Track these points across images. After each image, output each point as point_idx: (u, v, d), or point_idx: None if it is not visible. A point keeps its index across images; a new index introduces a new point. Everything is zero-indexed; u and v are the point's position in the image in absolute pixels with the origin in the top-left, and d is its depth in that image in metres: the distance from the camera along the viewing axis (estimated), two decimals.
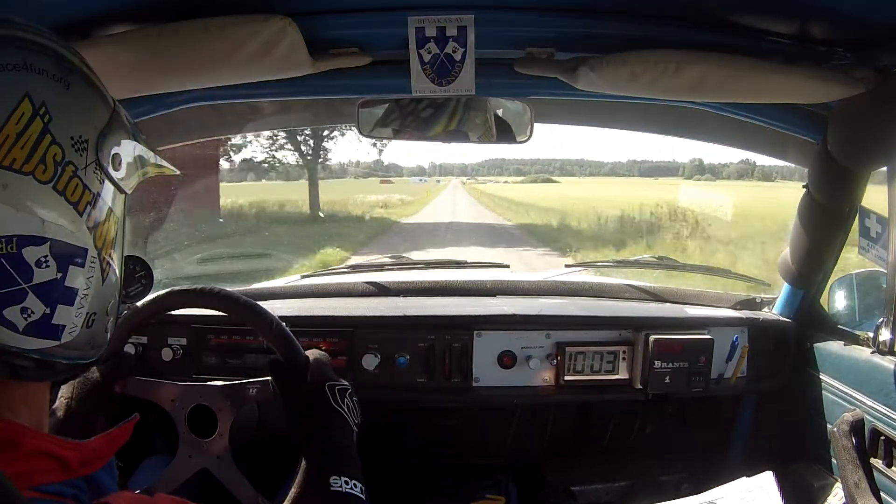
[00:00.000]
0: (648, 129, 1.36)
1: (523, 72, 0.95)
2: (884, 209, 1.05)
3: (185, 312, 1.10)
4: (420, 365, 1.24)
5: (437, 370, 1.24)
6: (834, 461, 1.11)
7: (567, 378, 1.25)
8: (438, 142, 1.10)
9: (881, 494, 1.01)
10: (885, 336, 1.06)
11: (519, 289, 1.46)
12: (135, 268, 0.87)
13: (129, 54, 0.82)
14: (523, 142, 1.11)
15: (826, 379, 1.20)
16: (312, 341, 1.22)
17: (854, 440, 1.05)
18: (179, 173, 0.63)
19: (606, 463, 1.41)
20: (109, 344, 0.51)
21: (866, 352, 1.11)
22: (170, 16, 0.82)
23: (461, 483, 1.38)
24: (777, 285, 1.39)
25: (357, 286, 1.44)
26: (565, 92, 0.97)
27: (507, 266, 1.60)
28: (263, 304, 0.90)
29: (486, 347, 1.25)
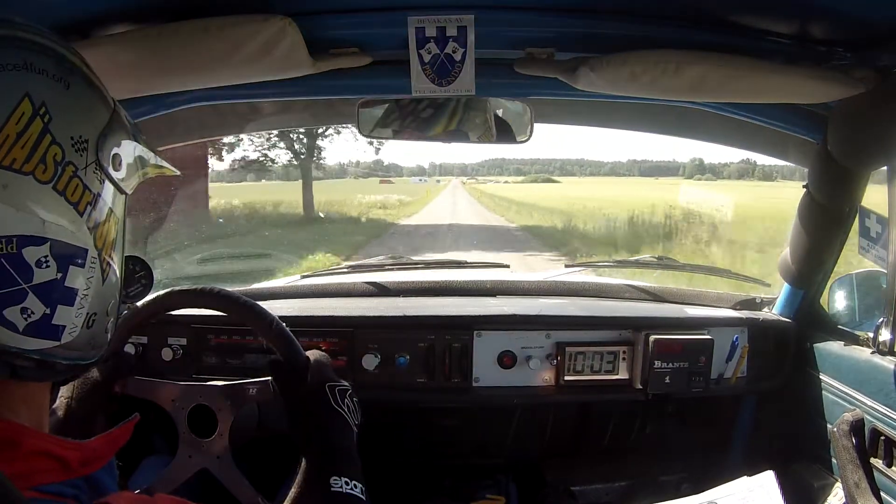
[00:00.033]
0: (648, 129, 1.35)
1: (523, 72, 0.95)
2: (884, 209, 1.05)
3: (185, 312, 1.10)
4: (420, 365, 1.24)
5: (437, 370, 1.24)
6: (834, 461, 1.11)
7: (567, 378, 1.25)
8: (438, 142, 1.10)
9: (881, 494, 1.01)
10: (885, 336, 1.06)
11: (519, 289, 1.46)
12: (135, 268, 0.88)
13: (129, 54, 0.82)
14: (523, 142, 1.11)
15: (826, 379, 1.20)
16: (312, 341, 1.22)
17: (854, 440, 1.05)
18: (180, 174, 0.63)
19: (606, 463, 1.41)
20: (110, 344, 0.51)
21: (866, 352, 1.11)
22: (170, 16, 0.82)
23: (461, 483, 1.38)
24: (777, 285, 1.39)
25: (357, 286, 1.44)
26: (565, 92, 0.97)
27: (507, 266, 1.60)
28: (263, 304, 0.90)
29: (486, 347, 1.25)
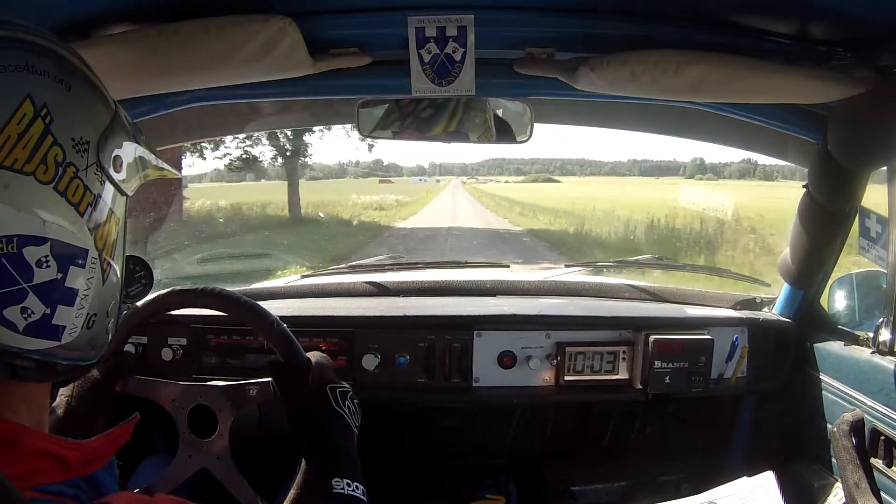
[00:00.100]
0: (648, 129, 1.36)
1: (523, 72, 0.95)
2: (884, 209, 1.05)
3: (185, 312, 1.10)
4: (420, 365, 1.24)
5: (437, 370, 1.24)
6: (834, 461, 1.11)
7: (567, 378, 1.25)
8: (438, 142, 1.10)
9: (881, 494, 1.01)
10: (885, 336, 1.06)
11: (519, 289, 1.46)
12: (135, 268, 0.87)
13: (129, 54, 0.82)
14: (523, 142, 1.11)
15: (826, 379, 1.20)
16: (312, 341, 1.21)
17: (854, 440, 1.05)
18: (180, 175, 0.63)
19: (606, 463, 1.41)
20: (110, 344, 0.51)
21: (866, 352, 1.11)
22: (170, 16, 0.82)
23: (461, 483, 1.38)
24: (777, 285, 1.39)
25: (357, 286, 1.44)
26: (565, 92, 0.97)
27: (507, 266, 1.60)
28: (263, 304, 0.90)
29: (486, 347, 1.25)
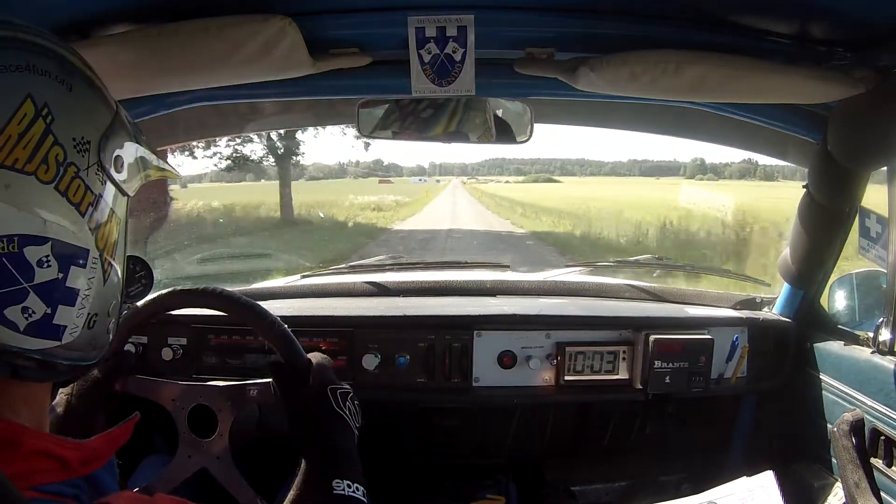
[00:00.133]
0: (648, 130, 1.36)
1: (523, 72, 0.95)
2: (884, 209, 1.05)
3: (186, 312, 1.10)
4: (420, 365, 1.24)
5: (437, 370, 1.24)
6: (834, 461, 1.11)
7: (567, 378, 1.25)
8: (438, 142, 1.10)
9: (881, 494, 1.01)
10: (885, 336, 1.06)
11: (519, 289, 1.46)
12: (135, 268, 0.88)
13: (129, 54, 0.82)
14: (523, 142, 1.11)
15: (826, 379, 1.20)
16: (312, 341, 1.22)
17: (854, 440, 1.05)
18: (181, 176, 0.64)
19: (606, 463, 1.41)
20: (110, 345, 0.51)
21: (866, 352, 1.11)
22: (170, 16, 0.82)
23: (461, 483, 1.38)
24: (777, 285, 1.39)
25: (357, 286, 1.44)
26: (565, 92, 0.97)
27: (507, 266, 1.60)
28: (263, 304, 0.90)
29: (486, 347, 1.25)
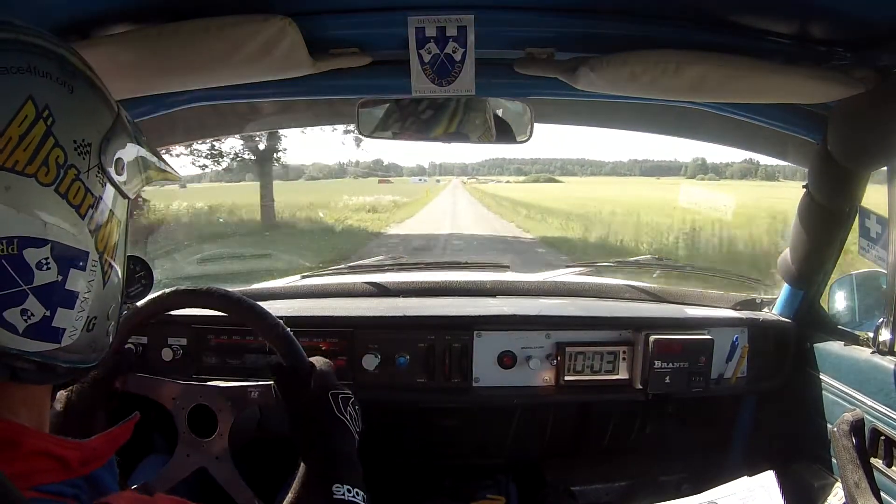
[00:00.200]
0: (648, 129, 1.36)
1: (523, 72, 0.95)
2: (884, 209, 1.05)
3: (185, 312, 1.10)
4: (420, 365, 1.24)
5: (437, 370, 1.24)
6: (834, 461, 1.11)
7: (567, 378, 1.25)
8: (438, 142, 1.10)
9: (881, 494, 1.01)
10: (885, 336, 1.06)
11: (519, 289, 1.46)
12: (135, 268, 0.88)
13: (129, 54, 0.82)
14: (523, 142, 1.11)
15: (826, 379, 1.20)
16: (312, 341, 1.22)
17: (854, 440, 1.05)
18: (181, 177, 0.63)
19: (606, 463, 1.41)
20: (110, 346, 0.51)
21: (866, 352, 1.11)
22: (170, 16, 0.82)
23: (461, 483, 1.38)
24: (777, 286, 1.39)
25: (357, 286, 1.44)
26: (565, 92, 0.97)
27: (507, 266, 1.60)
28: (263, 305, 0.90)
29: (486, 347, 1.25)
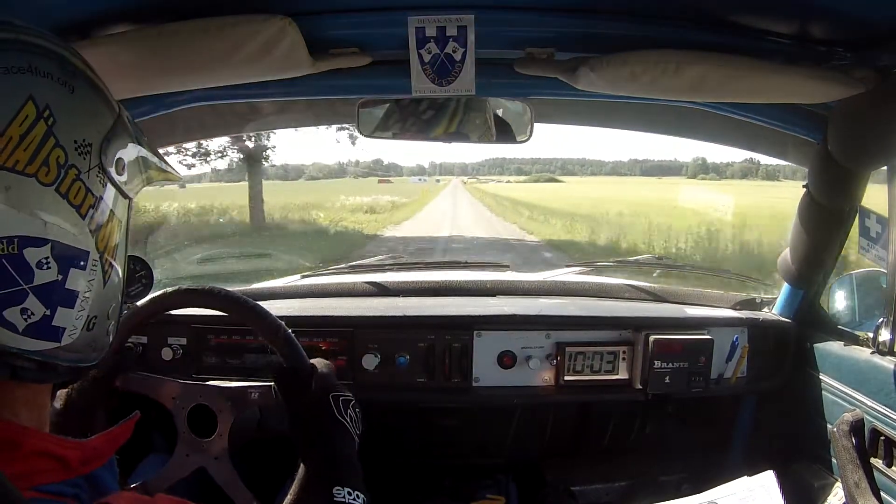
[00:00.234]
0: (649, 129, 1.36)
1: (523, 72, 0.95)
2: (884, 209, 1.05)
3: (186, 312, 1.10)
4: (420, 365, 1.24)
5: (437, 370, 1.24)
6: (834, 461, 1.11)
7: (567, 378, 1.25)
8: (439, 142, 1.10)
9: (881, 494, 1.01)
10: (885, 336, 1.06)
11: (519, 289, 1.46)
12: (135, 267, 0.88)
13: (129, 54, 0.82)
14: (523, 142, 1.11)
15: (826, 379, 1.20)
16: (312, 341, 1.22)
17: (854, 440, 1.05)
18: (182, 177, 0.63)
19: (606, 463, 1.41)
20: (110, 346, 0.51)
21: (866, 352, 1.11)
22: (170, 16, 0.82)
23: (461, 483, 1.38)
24: (777, 285, 1.39)
25: (357, 286, 1.44)
26: (565, 92, 0.97)
27: (507, 266, 1.60)
28: (263, 304, 0.90)
29: (486, 347, 1.25)
